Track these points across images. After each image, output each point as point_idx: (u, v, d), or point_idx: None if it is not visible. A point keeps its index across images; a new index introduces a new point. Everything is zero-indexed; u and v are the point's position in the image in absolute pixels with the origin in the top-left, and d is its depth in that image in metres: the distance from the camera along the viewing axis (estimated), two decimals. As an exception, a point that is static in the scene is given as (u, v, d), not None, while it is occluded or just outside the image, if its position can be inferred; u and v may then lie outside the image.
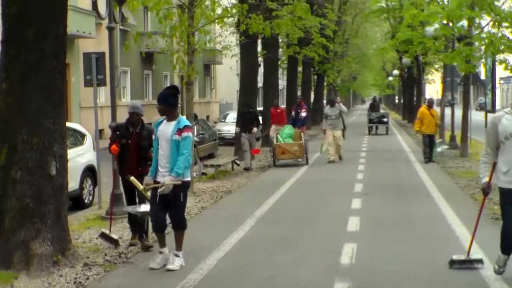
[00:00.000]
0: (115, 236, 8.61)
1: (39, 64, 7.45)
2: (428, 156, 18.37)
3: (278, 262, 7.62)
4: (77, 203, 12.41)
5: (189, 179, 7.52)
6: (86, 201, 12.84)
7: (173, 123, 7.32)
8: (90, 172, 13.05)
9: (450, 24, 17.27)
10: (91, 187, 13.13)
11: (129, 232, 9.49)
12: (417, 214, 10.67)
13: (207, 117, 43.20)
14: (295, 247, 8.41)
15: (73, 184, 11.28)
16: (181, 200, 7.38)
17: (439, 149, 19.84)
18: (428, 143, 18.43)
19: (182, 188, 7.32)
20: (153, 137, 7.65)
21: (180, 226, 7.51)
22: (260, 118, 21.11)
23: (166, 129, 7.35)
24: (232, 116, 30.42)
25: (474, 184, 13.97)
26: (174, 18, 14.23)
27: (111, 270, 7.44)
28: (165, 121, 7.43)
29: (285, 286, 6.70)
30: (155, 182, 7.39)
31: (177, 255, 7.42)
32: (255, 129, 18.25)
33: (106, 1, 11.17)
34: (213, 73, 50.65)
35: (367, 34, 56.26)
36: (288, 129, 19.39)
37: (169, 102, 7.37)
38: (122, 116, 10.30)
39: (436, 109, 20.73)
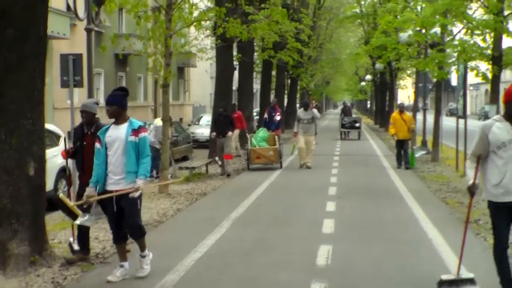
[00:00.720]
0: (75, 247, 7.99)
1: (19, 64, 7.46)
2: (401, 162, 18.37)
3: (256, 263, 7.73)
4: (52, 203, 12.35)
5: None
6: (61, 202, 12.78)
7: (124, 125, 7.00)
8: (64, 173, 13.00)
9: (423, 31, 17.55)
10: (66, 188, 13.08)
11: (105, 233, 9.55)
12: (390, 217, 10.86)
13: (181, 119, 43.14)
14: (271, 249, 8.52)
15: (48, 184, 11.24)
16: (138, 207, 7.06)
17: (417, 155, 19.78)
18: (400, 148, 18.49)
19: (139, 195, 7.01)
20: (96, 145, 7.10)
21: (139, 234, 7.17)
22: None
23: (117, 133, 6.99)
24: (206, 119, 30.46)
25: (446, 188, 14.25)
26: (151, 21, 14.29)
27: (89, 270, 7.48)
28: (112, 125, 7.08)
29: (263, 286, 6.80)
30: (105, 192, 7.03)
31: (143, 256, 7.21)
32: (230, 133, 17.86)
33: (85, 2, 11.17)
34: (186, 76, 50.60)
35: (341, 39, 56.71)
36: (262, 132, 19.40)
37: (122, 103, 7.08)
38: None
39: (410, 114, 20.98)
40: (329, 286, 6.71)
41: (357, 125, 33.45)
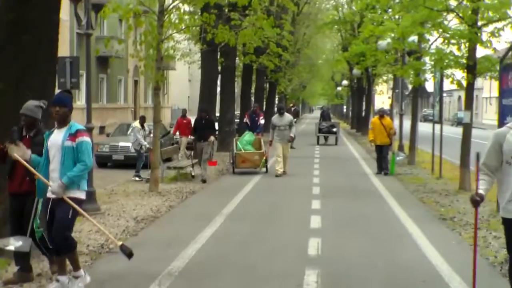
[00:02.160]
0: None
1: (33, 68, 8.03)
2: (381, 167, 18.28)
3: (252, 253, 8.40)
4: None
5: (83, 196, 6.54)
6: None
7: (64, 129, 6.44)
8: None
9: (402, 39, 18.32)
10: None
11: (104, 227, 10.06)
12: (372, 214, 11.60)
13: (159, 121, 43.64)
14: (264, 241, 9.19)
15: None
16: (69, 216, 6.33)
17: (398, 158, 19.71)
18: (379, 153, 18.45)
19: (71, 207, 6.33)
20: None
21: (66, 247, 6.39)
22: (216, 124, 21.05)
23: (57, 137, 6.42)
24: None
25: (422, 189, 15.04)
26: (143, 26, 14.87)
27: (98, 259, 8.07)
28: (56, 130, 6.52)
29: (261, 273, 7.44)
30: (46, 200, 6.49)
31: (76, 277, 6.52)
32: (212, 137, 17.10)
33: (85, 9, 11.74)
34: (166, 79, 51.10)
35: (318, 44, 57.71)
36: (248, 136, 19.24)
37: (71, 106, 6.56)
38: (77, 119, 9.26)
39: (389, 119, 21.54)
40: (322, 273, 7.38)
41: (334, 130, 32.54)
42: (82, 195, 6.49)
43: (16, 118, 7.93)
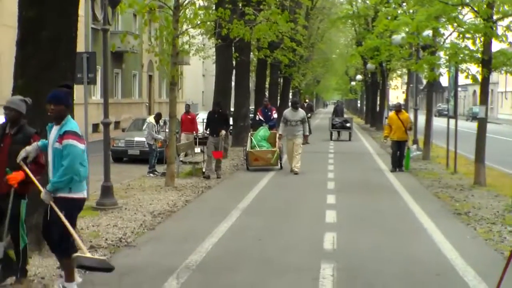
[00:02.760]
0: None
1: (53, 64, 8.13)
2: (397, 164, 17.83)
3: (268, 247, 8.48)
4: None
5: (79, 196, 6.17)
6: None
7: (58, 127, 6.12)
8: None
9: (416, 33, 18.27)
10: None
11: (122, 221, 10.24)
12: (387, 209, 11.65)
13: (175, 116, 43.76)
14: (280, 235, 9.27)
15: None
16: (61, 220, 5.98)
17: (412, 154, 19.42)
18: (396, 149, 17.96)
19: (64, 205, 6.01)
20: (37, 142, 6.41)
21: (58, 250, 6.19)
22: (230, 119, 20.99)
23: (52, 135, 6.17)
24: (201, 116, 31.09)
25: (437, 184, 15.05)
26: (159, 21, 14.96)
27: (116, 252, 8.18)
28: (54, 126, 6.25)
29: (278, 267, 7.52)
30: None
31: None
32: (223, 132, 16.81)
33: (101, 4, 11.85)
34: (181, 74, 51.25)
35: (332, 39, 57.54)
36: (263, 131, 18.81)
37: (69, 102, 6.29)
38: (92, 114, 9.66)
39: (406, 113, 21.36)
40: (338, 267, 7.45)
41: (348, 125, 31.98)
42: (75, 195, 6.11)
43: (37, 115, 8.09)
